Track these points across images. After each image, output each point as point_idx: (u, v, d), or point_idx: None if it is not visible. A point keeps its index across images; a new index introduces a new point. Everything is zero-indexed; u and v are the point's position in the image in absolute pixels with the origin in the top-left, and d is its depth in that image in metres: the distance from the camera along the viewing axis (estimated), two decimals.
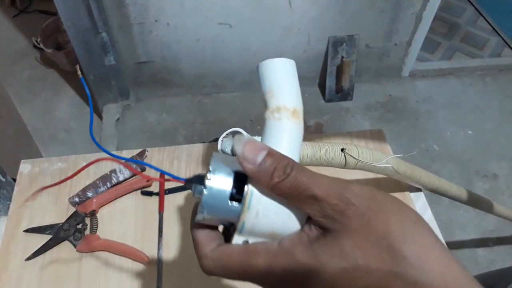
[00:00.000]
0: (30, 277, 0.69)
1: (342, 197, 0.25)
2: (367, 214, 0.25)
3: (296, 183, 0.26)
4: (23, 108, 1.99)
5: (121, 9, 1.67)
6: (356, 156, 0.58)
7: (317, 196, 0.25)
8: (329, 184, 0.26)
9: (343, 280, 0.25)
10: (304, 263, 0.25)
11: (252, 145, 0.27)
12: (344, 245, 0.25)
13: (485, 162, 1.85)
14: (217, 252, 0.29)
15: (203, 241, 0.30)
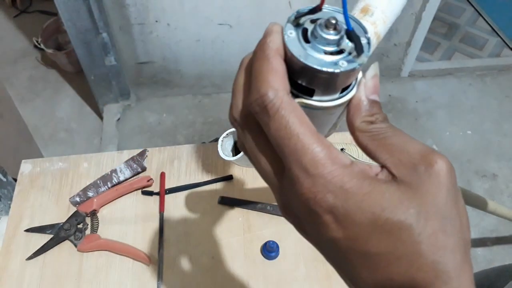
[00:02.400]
0: (31, 276, 0.69)
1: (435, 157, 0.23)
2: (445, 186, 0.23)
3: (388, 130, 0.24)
4: (23, 108, 2.00)
5: (121, 10, 1.67)
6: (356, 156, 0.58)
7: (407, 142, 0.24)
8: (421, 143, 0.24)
9: (380, 232, 0.22)
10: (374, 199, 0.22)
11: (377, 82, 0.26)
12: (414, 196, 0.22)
13: (484, 162, 1.85)
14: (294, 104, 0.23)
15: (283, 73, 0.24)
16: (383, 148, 0.24)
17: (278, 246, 0.71)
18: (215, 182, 0.81)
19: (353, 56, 0.24)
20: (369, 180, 0.23)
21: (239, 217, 0.76)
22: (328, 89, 0.25)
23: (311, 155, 0.22)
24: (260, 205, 0.76)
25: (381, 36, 0.30)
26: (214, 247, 0.73)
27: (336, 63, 0.24)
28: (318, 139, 0.23)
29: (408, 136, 0.24)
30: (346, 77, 0.25)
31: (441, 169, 0.23)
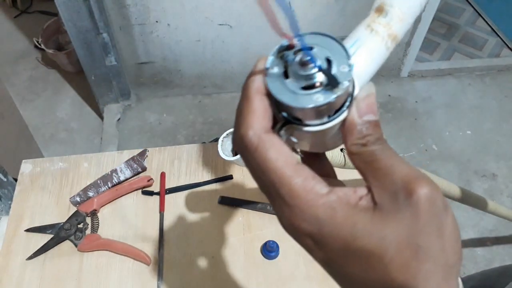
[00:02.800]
0: (31, 276, 0.69)
1: (415, 184, 0.23)
2: (424, 214, 0.23)
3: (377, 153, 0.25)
4: (24, 108, 2.00)
5: (122, 10, 1.67)
6: None
7: (394, 168, 0.24)
8: (411, 168, 0.24)
9: (359, 260, 0.23)
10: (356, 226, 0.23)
11: (372, 101, 0.26)
12: (387, 226, 0.23)
13: (484, 162, 1.85)
14: (270, 138, 0.25)
15: (262, 112, 0.26)
16: (371, 171, 0.25)
17: (278, 246, 0.71)
18: (215, 182, 0.81)
19: (330, 88, 0.25)
20: (345, 208, 0.24)
21: (239, 217, 0.77)
22: (313, 118, 0.26)
23: (288, 187, 0.24)
24: (260, 205, 0.77)
25: (398, 36, 0.30)
26: (214, 247, 0.73)
27: (312, 97, 0.25)
28: (296, 171, 0.24)
29: (397, 159, 0.25)
30: (328, 107, 0.25)
31: (420, 198, 0.23)
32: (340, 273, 0.26)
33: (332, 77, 0.25)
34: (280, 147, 0.25)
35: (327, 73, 0.25)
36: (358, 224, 0.23)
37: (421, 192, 0.23)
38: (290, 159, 0.25)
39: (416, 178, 0.23)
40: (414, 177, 0.24)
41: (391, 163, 0.25)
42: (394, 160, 0.25)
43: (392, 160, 0.25)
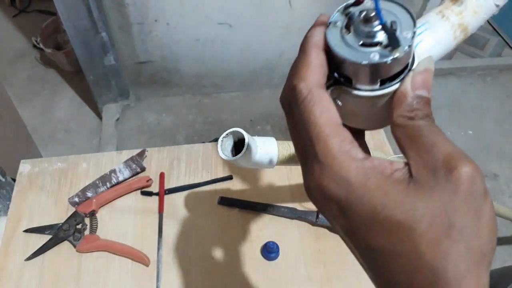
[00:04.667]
0: (30, 277, 0.69)
1: (459, 161, 0.22)
2: (464, 192, 0.22)
3: (424, 128, 0.24)
4: (22, 108, 1.99)
5: (121, 9, 1.67)
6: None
7: (437, 144, 0.23)
8: (456, 147, 0.24)
9: (386, 231, 0.22)
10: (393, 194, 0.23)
11: (429, 79, 0.26)
12: (424, 197, 0.22)
13: (485, 162, 1.85)
14: (321, 94, 0.25)
15: (317, 66, 0.26)
16: (413, 146, 0.24)
17: (278, 247, 0.71)
18: (215, 182, 0.80)
19: (389, 49, 0.24)
20: (378, 177, 0.23)
21: (239, 218, 0.76)
22: (366, 80, 0.26)
23: (324, 145, 0.24)
24: (260, 206, 0.76)
25: (469, 28, 0.29)
26: (213, 248, 0.73)
27: (369, 54, 0.24)
28: (336, 131, 0.24)
29: (443, 137, 0.24)
30: (382, 69, 0.25)
31: (461, 175, 0.22)
32: (363, 245, 0.24)
33: (394, 36, 0.24)
34: (327, 104, 0.25)
35: (390, 31, 0.25)
36: (390, 194, 0.22)
37: (463, 170, 0.22)
38: (334, 118, 0.24)
39: (460, 157, 0.23)
40: (457, 156, 0.23)
41: (436, 140, 0.24)
42: (439, 138, 0.24)
43: (438, 137, 0.24)
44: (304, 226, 0.73)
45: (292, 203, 0.76)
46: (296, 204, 0.76)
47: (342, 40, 0.26)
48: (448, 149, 0.23)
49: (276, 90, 2.07)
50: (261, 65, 1.98)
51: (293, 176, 0.81)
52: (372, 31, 0.25)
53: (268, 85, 2.05)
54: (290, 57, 0.33)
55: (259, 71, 1.99)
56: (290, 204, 0.76)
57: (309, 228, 0.73)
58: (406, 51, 0.24)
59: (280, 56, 1.95)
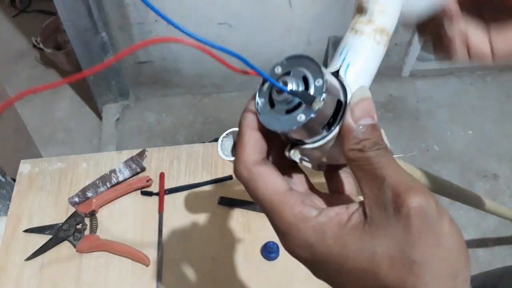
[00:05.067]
0: (30, 277, 0.69)
1: (405, 196, 0.22)
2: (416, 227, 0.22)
3: (374, 160, 0.24)
4: (22, 108, 1.99)
5: (120, 9, 1.67)
6: None
7: (386, 178, 0.23)
8: (405, 176, 0.24)
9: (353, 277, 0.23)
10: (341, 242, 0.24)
11: (368, 106, 0.26)
12: (376, 247, 0.22)
13: (485, 162, 1.85)
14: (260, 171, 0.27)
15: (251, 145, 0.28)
16: (366, 181, 0.25)
17: (278, 247, 0.71)
18: (215, 182, 0.80)
19: (309, 105, 0.26)
20: (335, 229, 0.24)
21: (239, 218, 0.76)
22: (309, 135, 0.27)
23: (278, 216, 0.25)
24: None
25: (387, 28, 0.29)
26: (213, 248, 0.73)
27: (296, 118, 0.26)
28: (284, 198, 0.25)
29: (393, 168, 0.24)
30: (314, 122, 0.26)
31: (410, 210, 0.22)
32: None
33: (303, 95, 0.26)
34: (267, 177, 0.26)
35: (297, 94, 0.26)
36: (348, 244, 0.23)
37: (411, 205, 0.22)
38: (279, 187, 0.26)
39: (406, 189, 0.23)
40: (404, 188, 0.23)
41: (385, 173, 0.24)
42: (389, 170, 0.24)
43: (388, 169, 0.24)
44: None
45: None
46: None
47: (271, 114, 0.27)
48: (396, 182, 0.23)
49: None
50: (261, 65, 1.96)
51: None
52: (287, 99, 0.26)
53: None
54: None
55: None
56: None
57: None
58: (324, 98, 0.25)
59: (280, 56, 1.94)
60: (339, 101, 0.27)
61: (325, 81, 0.26)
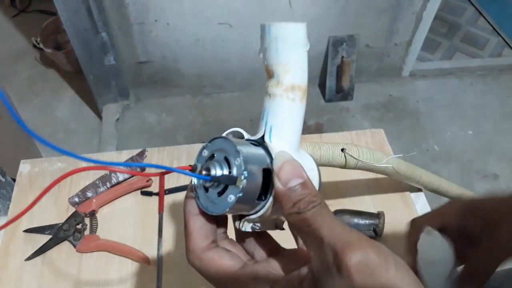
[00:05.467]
0: (30, 277, 0.69)
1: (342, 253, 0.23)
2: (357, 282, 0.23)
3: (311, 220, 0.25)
4: (23, 108, 2.00)
5: (121, 9, 1.67)
6: (356, 156, 0.57)
7: (323, 238, 0.24)
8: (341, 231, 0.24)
9: None
10: None
11: (292, 168, 0.27)
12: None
13: (485, 162, 1.85)
14: (209, 256, 0.29)
15: (196, 233, 0.30)
16: (310, 242, 0.25)
17: None
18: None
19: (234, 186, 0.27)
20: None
21: None
22: (247, 209, 0.29)
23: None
24: None
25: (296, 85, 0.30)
26: None
27: (227, 199, 0.28)
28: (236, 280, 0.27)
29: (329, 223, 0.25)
30: (245, 199, 0.27)
31: (349, 268, 0.22)
32: None
33: (225, 179, 0.28)
34: (217, 262, 0.28)
35: (219, 179, 0.28)
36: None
37: (349, 263, 0.22)
38: (230, 269, 0.28)
39: (342, 246, 0.23)
40: (340, 245, 0.23)
41: (322, 232, 0.24)
42: (324, 228, 0.24)
43: (323, 227, 0.25)
44: None
45: None
46: None
47: (208, 199, 0.30)
48: (332, 241, 0.24)
49: None
50: (261, 65, 1.97)
51: None
52: (214, 183, 0.29)
53: None
54: None
55: (259, 71, 1.99)
56: None
57: None
58: (246, 176, 0.27)
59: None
60: (266, 169, 0.28)
61: (242, 160, 0.27)
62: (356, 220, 0.70)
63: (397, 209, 0.75)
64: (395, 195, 0.77)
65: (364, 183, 0.79)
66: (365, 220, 0.70)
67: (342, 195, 0.77)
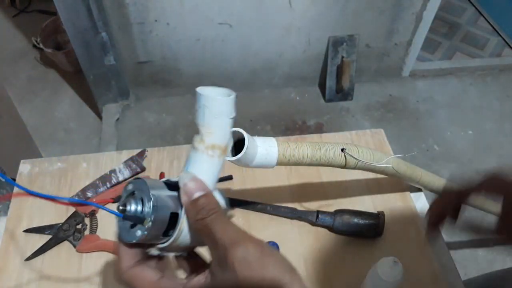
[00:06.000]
0: (30, 277, 0.69)
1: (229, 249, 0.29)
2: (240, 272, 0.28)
3: (210, 225, 0.31)
4: (23, 108, 1.99)
5: (121, 9, 1.67)
6: (356, 156, 0.57)
7: (217, 239, 0.30)
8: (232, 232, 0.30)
9: None
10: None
11: (195, 183, 0.33)
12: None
13: (485, 162, 1.85)
14: (133, 271, 0.34)
15: (123, 255, 0.35)
16: (210, 244, 0.31)
17: (278, 247, 0.71)
18: None
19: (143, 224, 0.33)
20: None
21: (239, 218, 0.76)
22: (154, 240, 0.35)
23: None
24: (260, 206, 0.76)
25: (217, 144, 0.38)
26: None
27: (135, 233, 0.33)
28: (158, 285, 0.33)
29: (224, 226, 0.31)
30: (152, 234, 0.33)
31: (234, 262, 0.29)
32: None
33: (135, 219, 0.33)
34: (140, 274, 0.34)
35: (130, 218, 0.33)
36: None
37: (233, 257, 0.29)
38: (151, 279, 0.33)
39: (230, 243, 0.29)
40: (229, 243, 0.29)
41: (219, 235, 0.30)
42: (219, 230, 0.30)
43: (219, 230, 0.30)
44: (304, 226, 0.73)
45: (292, 203, 0.76)
46: (296, 204, 0.76)
47: (124, 226, 0.35)
48: (223, 240, 0.30)
49: (276, 90, 2.07)
50: (261, 65, 1.97)
51: (293, 176, 0.80)
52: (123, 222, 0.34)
53: (268, 85, 2.05)
54: (290, 57, 0.34)
55: (259, 71, 1.99)
56: (290, 204, 0.76)
57: (309, 228, 0.73)
58: (152, 219, 0.32)
59: (280, 56, 1.95)
60: (173, 213, 0.34)
61: (151, 205, 0.32)
62: (356, 220, 0.70)
63: (397, 209, 0.75)
64: (395, 195, 0.77)
65: (364, 183, 0.79)
66: (365, 220, 0.70)
67: (342, 195, 0.77)
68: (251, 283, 0.28)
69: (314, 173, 0.80)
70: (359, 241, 0.71)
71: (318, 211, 0.72)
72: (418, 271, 0.68)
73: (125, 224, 0.34)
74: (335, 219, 0.70)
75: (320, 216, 0.71)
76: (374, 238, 0.71)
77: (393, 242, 0.71)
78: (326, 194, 0.77)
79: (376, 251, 0.70)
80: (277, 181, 0.80)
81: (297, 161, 0.55)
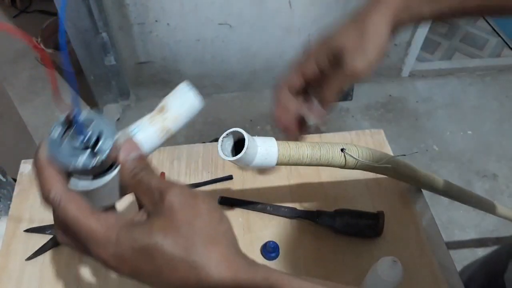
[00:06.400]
0: (31, 277, 0.69)
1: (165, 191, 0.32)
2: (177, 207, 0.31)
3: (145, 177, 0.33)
4: (23, 108, 1.99)
5: (121, 9, 1.67)
6: (356, 156, 0.58)
7: (152, 185, 0.32)
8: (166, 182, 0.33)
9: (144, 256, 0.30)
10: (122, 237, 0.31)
11: (130, 144, 0.35)
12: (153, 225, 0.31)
13: (484, 162, 1.85)
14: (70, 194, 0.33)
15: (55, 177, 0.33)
16: (143, 192, 0.33)
17: (278, 247, 0.71)
18: (215, 182, 0.80)
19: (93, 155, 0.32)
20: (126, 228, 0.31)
21: (239, 217, 0.76)
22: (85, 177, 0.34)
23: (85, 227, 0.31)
24: (260, 206, 0.76)
25: (172, 130, 0.42)
26: None
27: (77, 159, 0.32)
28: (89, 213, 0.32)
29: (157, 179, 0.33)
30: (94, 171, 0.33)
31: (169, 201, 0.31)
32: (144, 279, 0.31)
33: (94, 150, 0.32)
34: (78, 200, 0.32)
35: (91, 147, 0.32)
36: (134, 231, 0.31)
37: (170, 196, 0.31)
38: (85, 207, 0.32)
39: (166, 187, 0.32)
40: (164, 187, 0.32)
41: (152, 182, 0.33)
42: (153, 179, 0.33)
43: (152, 179, 0.33)
44: (304, 226, 0.74)
45: (292, 203, 0.76)
46: (296, 204, 0.76)
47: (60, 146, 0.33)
48: (159, 185, 0.32)
49: None
50: (261, 65, 1.98)
51: (293, 176, 0.81)
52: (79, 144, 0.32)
53: (268, 85, 2.06)
54: (290, 57, 0.35)
55: (259, 71, 2.00)
56: (290, 204, 0.76)
57: (309, 228, 0.73)
58: (104, 158, 0.32)
59: (280, 56, 1.95)
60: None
61: (111, 144, 0.32)
62: (356, 220, 0.70)
63: (397, 209, 0.75)
64: (395, 195, 0.78)
65: (364, 183, 0.79)
66: (365, 220, 0.70)
67: (342, 195, 0.77)
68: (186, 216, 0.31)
69: (314, 173, 0.81)
70: (358, 241, 0.71)
71: (318, 211, 0.72)
72: (418, 271, 0.68)
73: (69, 144, 0.32)
74: (335, 219, 0.70)
75: (320, 216, 0.72)
76: (373, 238, 0.71)
77: (392, 242, 0.71)
78: (326, 194, 0.78)
79: (376, 251, 0.70)
80: (277, 181, 0.80)
81: (297, 161, 0.55)
